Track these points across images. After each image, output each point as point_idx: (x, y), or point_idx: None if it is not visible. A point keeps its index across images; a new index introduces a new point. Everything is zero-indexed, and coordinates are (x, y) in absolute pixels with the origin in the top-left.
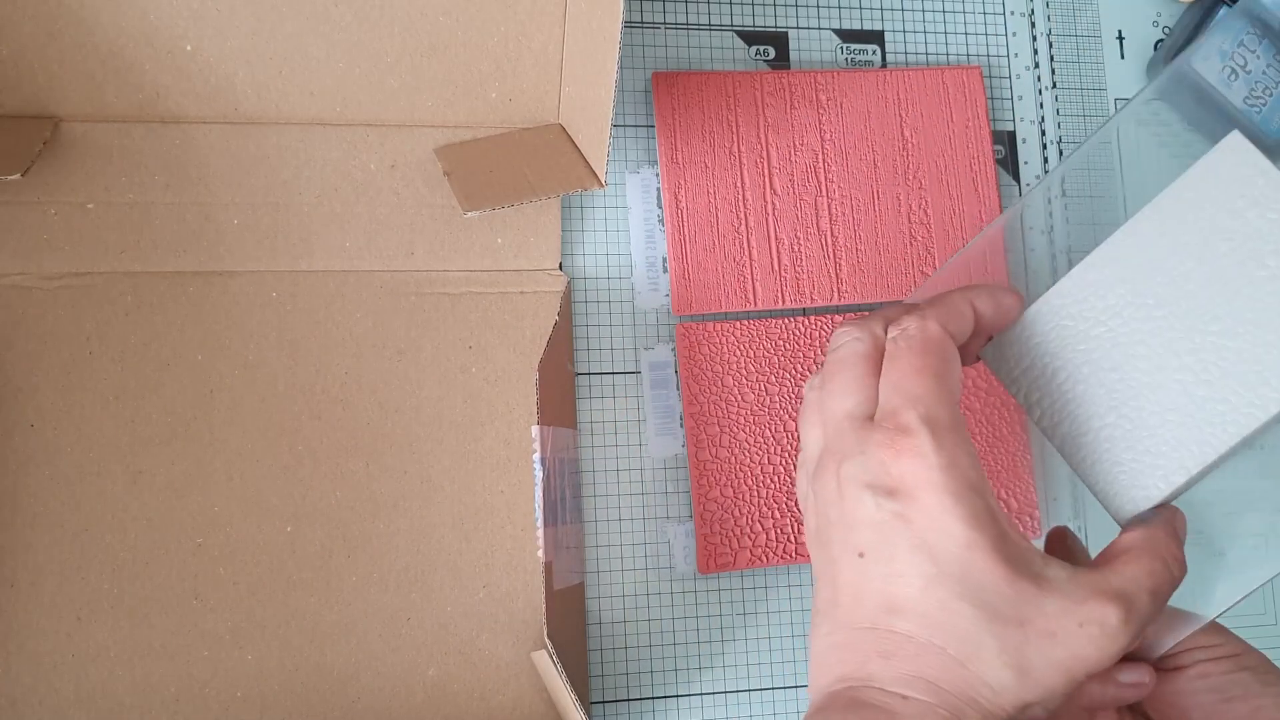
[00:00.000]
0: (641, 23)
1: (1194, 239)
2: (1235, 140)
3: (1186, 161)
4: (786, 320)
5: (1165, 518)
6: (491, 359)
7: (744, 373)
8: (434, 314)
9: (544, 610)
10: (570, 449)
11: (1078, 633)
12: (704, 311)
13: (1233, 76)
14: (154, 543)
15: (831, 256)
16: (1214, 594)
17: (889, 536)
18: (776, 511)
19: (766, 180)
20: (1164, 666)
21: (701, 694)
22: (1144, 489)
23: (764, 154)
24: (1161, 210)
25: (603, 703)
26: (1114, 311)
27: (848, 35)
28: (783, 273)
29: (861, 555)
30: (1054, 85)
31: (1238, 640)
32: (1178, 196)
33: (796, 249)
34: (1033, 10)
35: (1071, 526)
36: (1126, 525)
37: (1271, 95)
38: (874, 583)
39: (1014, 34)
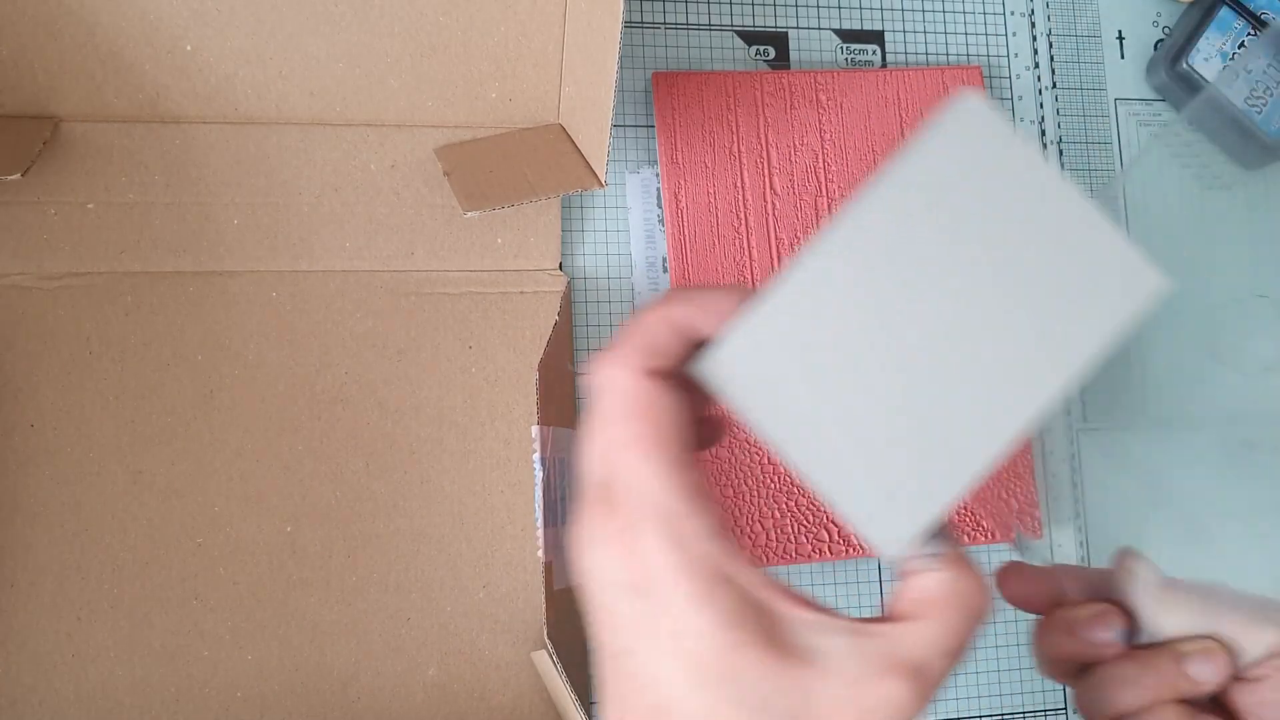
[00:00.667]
0: (641, 23)
1: (931, 209)
2: (970, 102)
3: (1188, 161)
4: None
5: (955, 540)
6: (491, 359)
7: None
8: (434, 314)
9: (544, 610)
10: (570, 449)
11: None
12: None
13: (1234, 77)
14: (154, 543)
15: None
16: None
17: (642, 639)
18: (776, 511)
19: (766, 180)
20: (1244, 678)
21: None
22: (923, 508)
23: (764, 154)
24: (898, 182)
25: None
26: (849, 302)
27: (848, 35)
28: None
29: (620, 655)
30: (1054, 85)
31: None
32: (914, 165)
33: (796, 249)
34: (1033, 10)
35: (1071, 526)
36: (910, 560)
37: (1272, 95)
38: (639, 683)
39: (1014, 34)
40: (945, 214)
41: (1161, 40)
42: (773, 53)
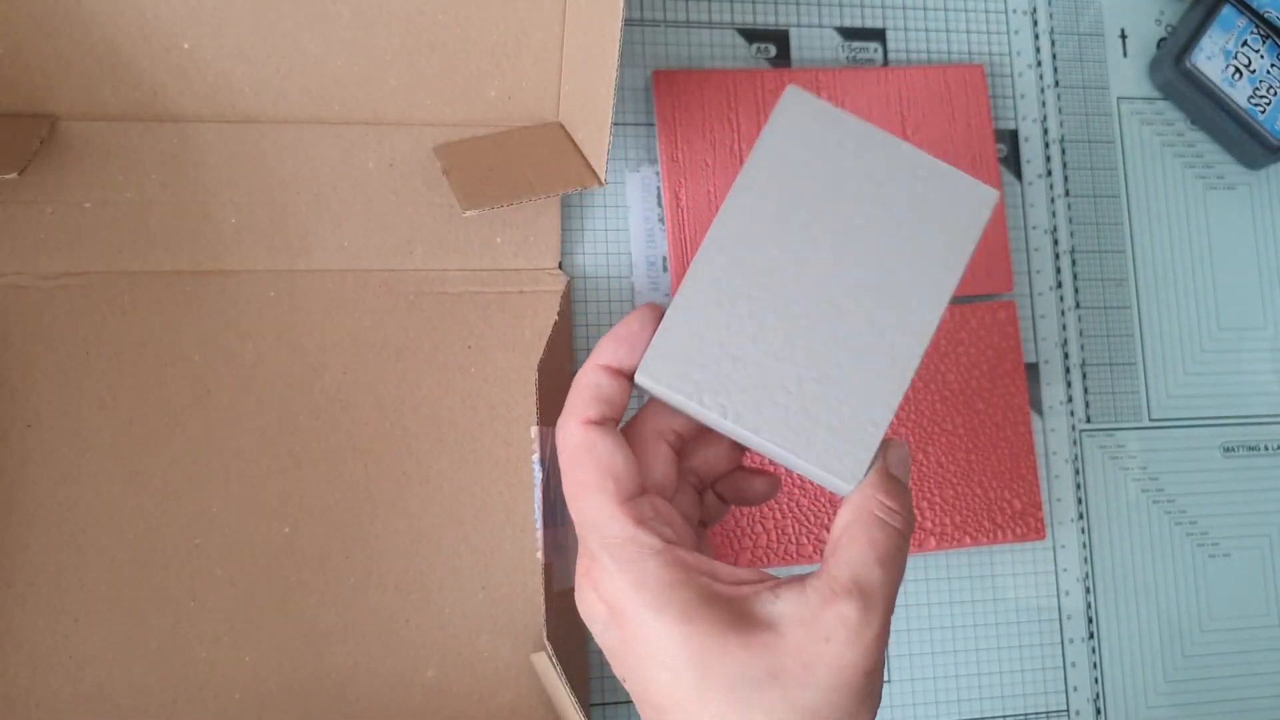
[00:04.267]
0: (642, 20)
1: (791, 191)
2: (791, 93)
3: (1190, 161)
4: None
5: (877, 467)
6: (491, 359)
7: None
8: (433, 313)
9: (544, 611)
10: None
11: (827, 649)
12: None
13: (1236, 76)
14: (151, 543)
15: None
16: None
17: (628, 659)
18: (777, 512)
19: None
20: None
21: None
22: (856, 439)
23: None
24: (758, 171)
25: (603, 704)
26: (751, 280)
27: (849, 33)
28: None
29: (625, 681)
30: (1056, 84)
31: None
32: (767, 159)
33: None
34: (1035, 8)
35: (1074, 528)
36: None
37: (1275, 95)
38: (645, 701)
39: (1016, 32)
40: (805, 187)
41: (1164, 39)
42: (774, 50)
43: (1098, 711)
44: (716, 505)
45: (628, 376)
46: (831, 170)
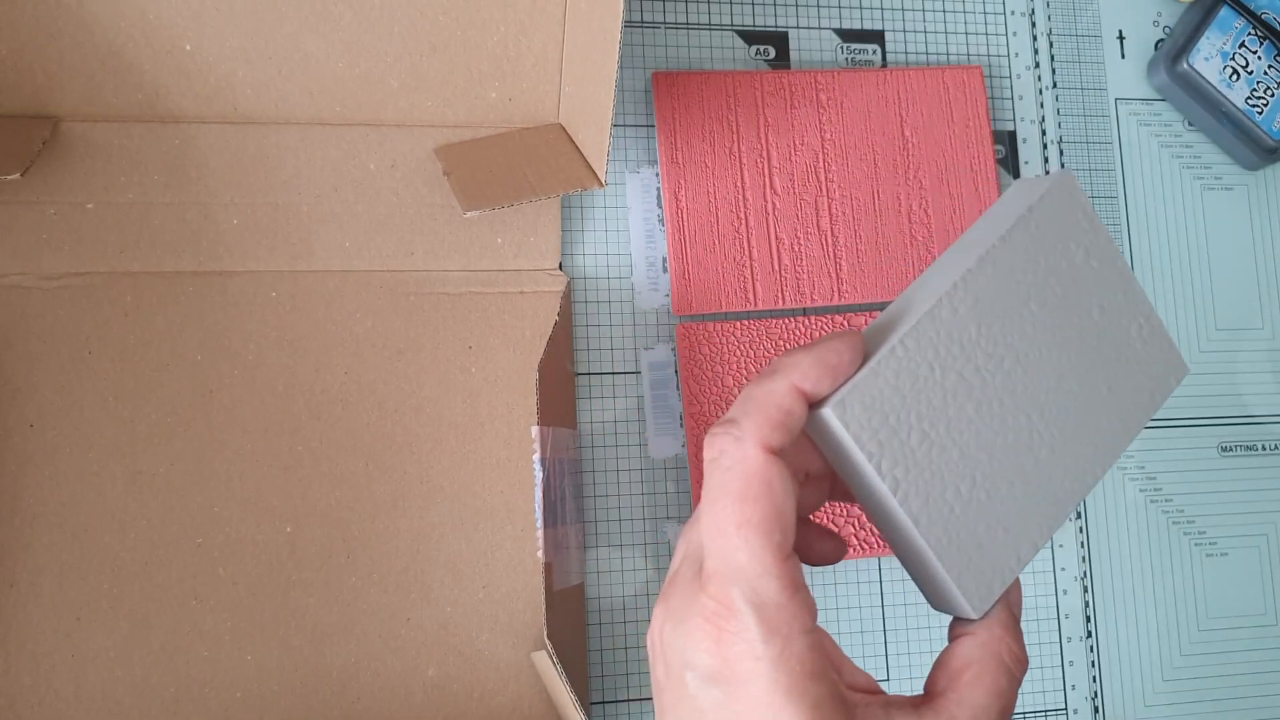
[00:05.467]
0: (641, 22)
1: (1033, 280)
2: (1066, 180)
3: (1188, 162)
4: (786, 320)
5: (1002, 604)
6: (491, 359)
7: (744, 373)
8: (434, 314)
9: (544, 610)
10: (570, 449)
11: None
12: (704, 311)
13: (1234, 77)
14: (153, 543)
15: (831, 256)
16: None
17: None
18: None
19: (766, 180)
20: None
21: None
22: (997, 568)
23: (764, 154)
24: (1008, 247)
25: (603, 703)
26: (969, 358)
27: (848, 35)
28: (783, 273)
29: None
30: (1054, 85)
31: None
32: (1021, 234)
33: (796, 249)
34: (1033, 10)
35: (1071, 528)
36: (958, 625)
37: (1273, 96)
38: None
39: (1014, 34)
40: (1044, 284)
41: (1162, 40)
42: (773, 52)
43: (1096, 710)
44: None
45: (810, 405)
46: (1072, 279)
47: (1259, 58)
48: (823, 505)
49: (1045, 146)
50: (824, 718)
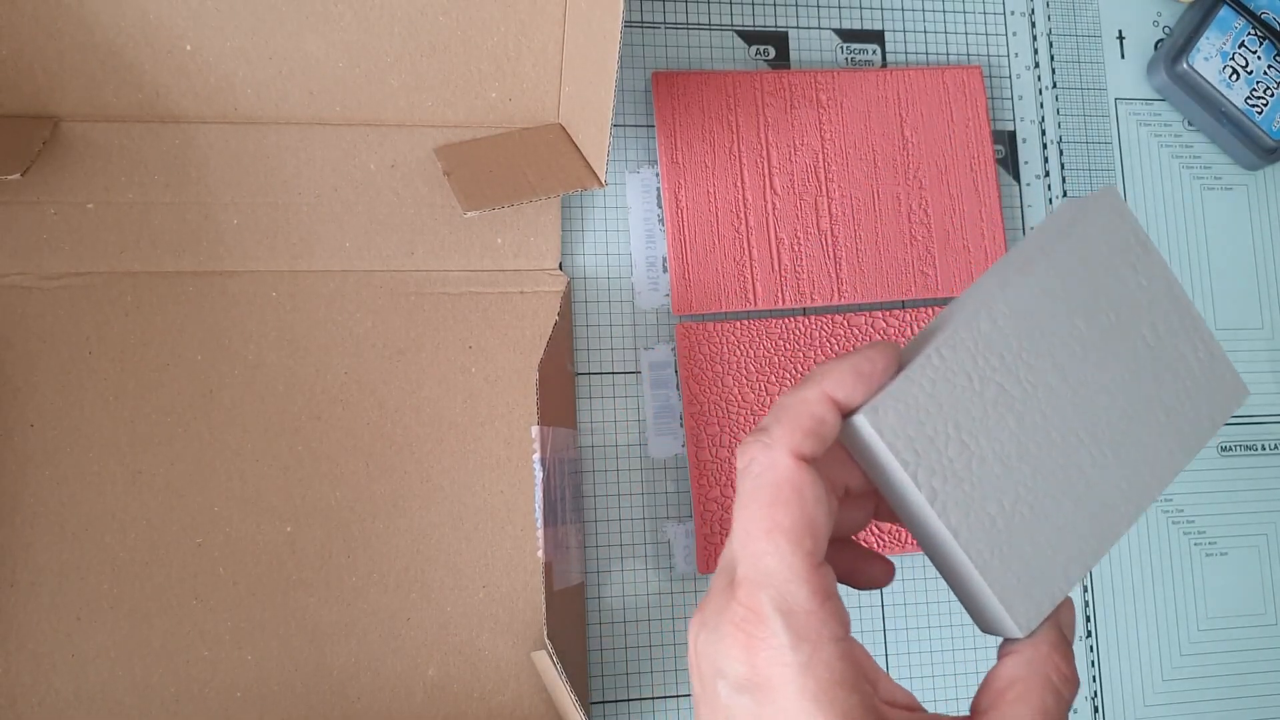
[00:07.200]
0: (641, 22)
1: (1079, 296)
2: (1113, 199)
3: (1188, 162)
4: (786, 320)
5: (1050, 623)
6: (491, 359)
7: (744, 373)
8: (434, 314)
9: (544, 610)
10: (570, 449)
11: None
12: (704, 311)
13: (1234, 77)
14: (154, 543)
15: (831, 256)
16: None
17: None
18: None
19: (766, 180)
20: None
21: None
22: (1045, 586)
23: (764, 154)
24: (1050, 262)
25: (603, 703)
26: (1009, 370)
27: (848, 35)
28: (783, 273)
29: None
30: (1054, 85)
31: None
32: (1065, 249)
33: (796, 249)
34: (1033, 10)
35: None
36: (1006, 645)
37: (1273, 96)
38: None
39: (1014, 34)
40: (1094, 300)
41: (1162, 40)
42: (773, 52)
43: (1095, 709)
44: None
45: (844, 415)
46: (1121, 296)
47: (1259, 58)
48: (867, 525)
49: (1045, 146)
50: None
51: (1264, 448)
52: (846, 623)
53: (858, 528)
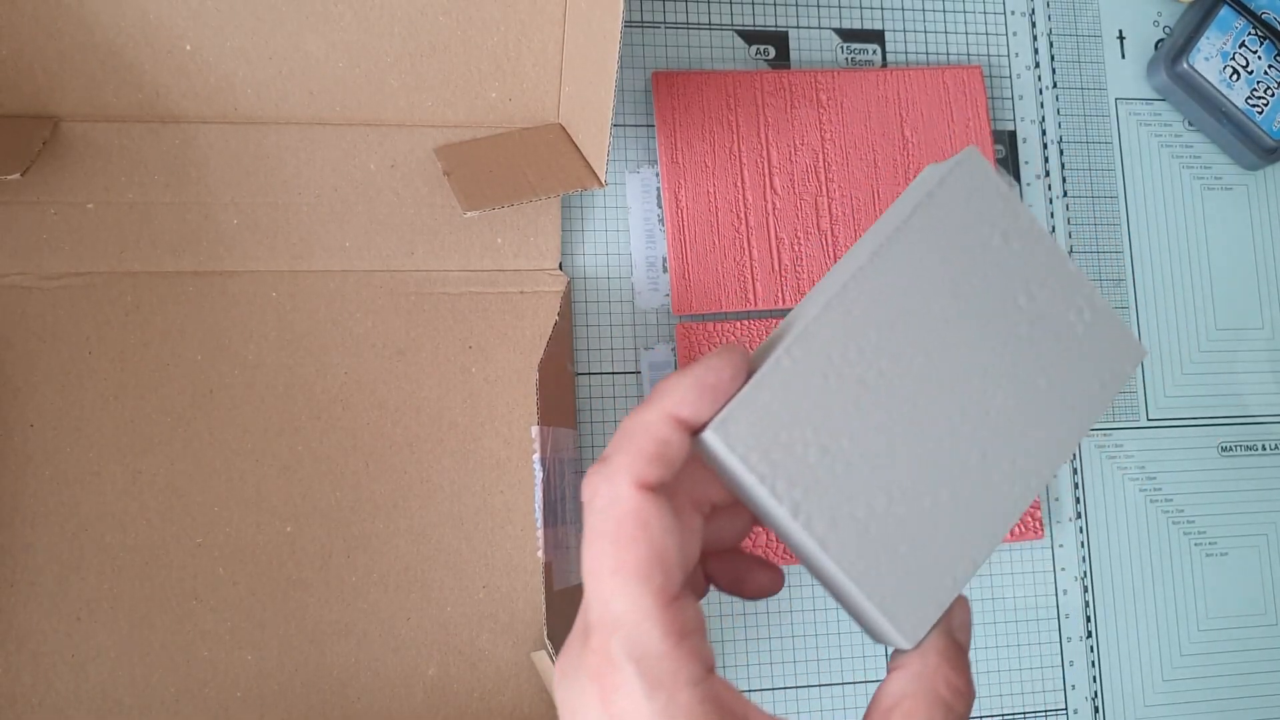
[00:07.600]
0: (641, 22)
1: (941, 272)
2: (972, 157)
3: (1188, 162)
4: None
5: (940, 629)
6: (491, 359)
7: None
8: (434, 314)
9: (544, 610)
10: (570, 449)
11: None
12: (704, 311)
13: (1234, 77)
14: (153, 543)
15: (832, 256)
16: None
17: None
18: None
19: (766, 180)
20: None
21: None
22: (929, 591)
23: (764, 154)
24: (906, 239)
25: None
26: (869, 362)
27: (848, 35)
28: (783, 273)
29: None
30: (1054, 85)
31: None
32: (921, 222)
33: (796, 249)
34: (1033, 10)
35: (1072, 527)
36: (896, 656)
37: (1273, 96)
38: None
39: (1014, 34)
40: (957, 273)
41: (1162, 40)
42: (773, 52)
43: (1096, 710)
44: (698, 583)
45: (694, 432)
46: (990, 265)
47: (1259, 58)
48: (749, 534)
49: (1045, 146)
50: None
51: (1264, 448)
52: (708, 661)
53: (740, 536)
